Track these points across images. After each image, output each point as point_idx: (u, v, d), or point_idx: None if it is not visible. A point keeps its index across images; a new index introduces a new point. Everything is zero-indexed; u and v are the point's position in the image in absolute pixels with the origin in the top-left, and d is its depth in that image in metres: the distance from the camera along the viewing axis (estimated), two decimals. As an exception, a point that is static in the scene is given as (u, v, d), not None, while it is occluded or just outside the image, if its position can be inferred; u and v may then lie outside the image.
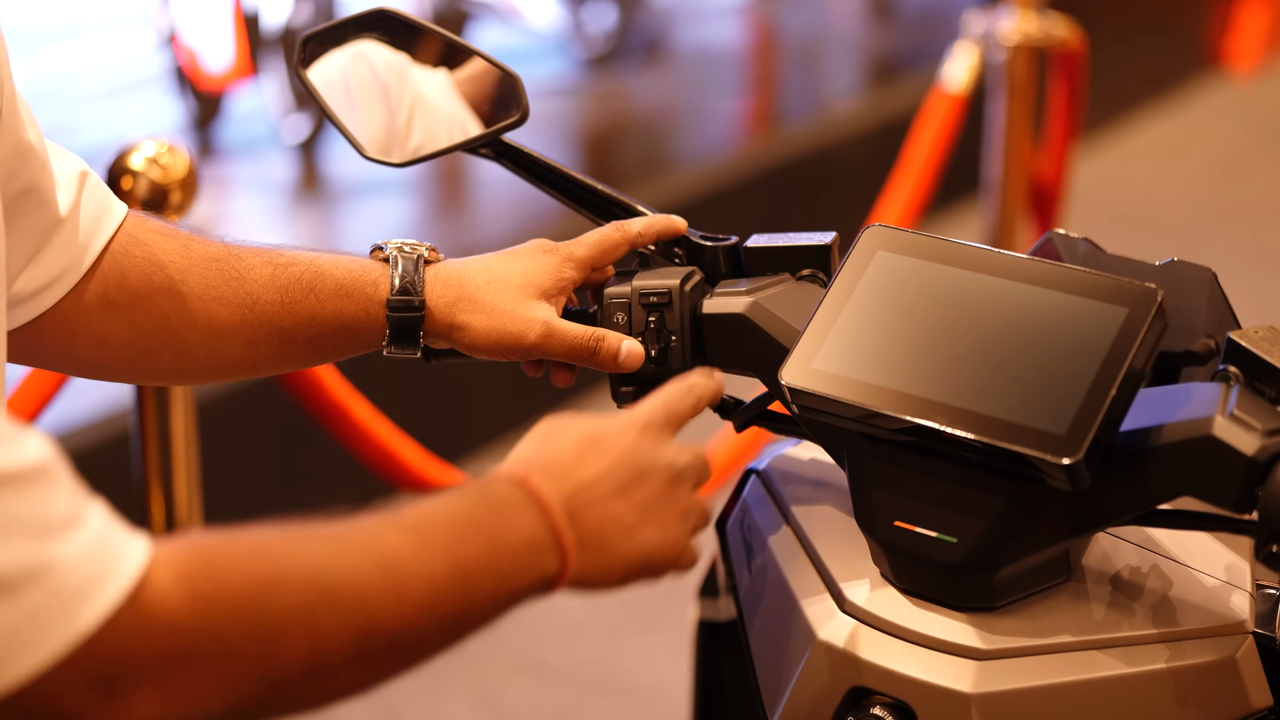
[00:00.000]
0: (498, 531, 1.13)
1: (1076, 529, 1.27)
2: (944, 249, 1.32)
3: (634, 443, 1.20)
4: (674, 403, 1.23)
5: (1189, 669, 1.26)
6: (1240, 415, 1.20)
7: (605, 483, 1.18)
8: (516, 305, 1.43)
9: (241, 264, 1.43)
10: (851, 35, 7.92)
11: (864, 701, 1.30)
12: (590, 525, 1.17)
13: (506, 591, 1.13)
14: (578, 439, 1.20)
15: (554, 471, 1.17)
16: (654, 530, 1.19)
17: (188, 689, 0.99)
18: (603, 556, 1.17)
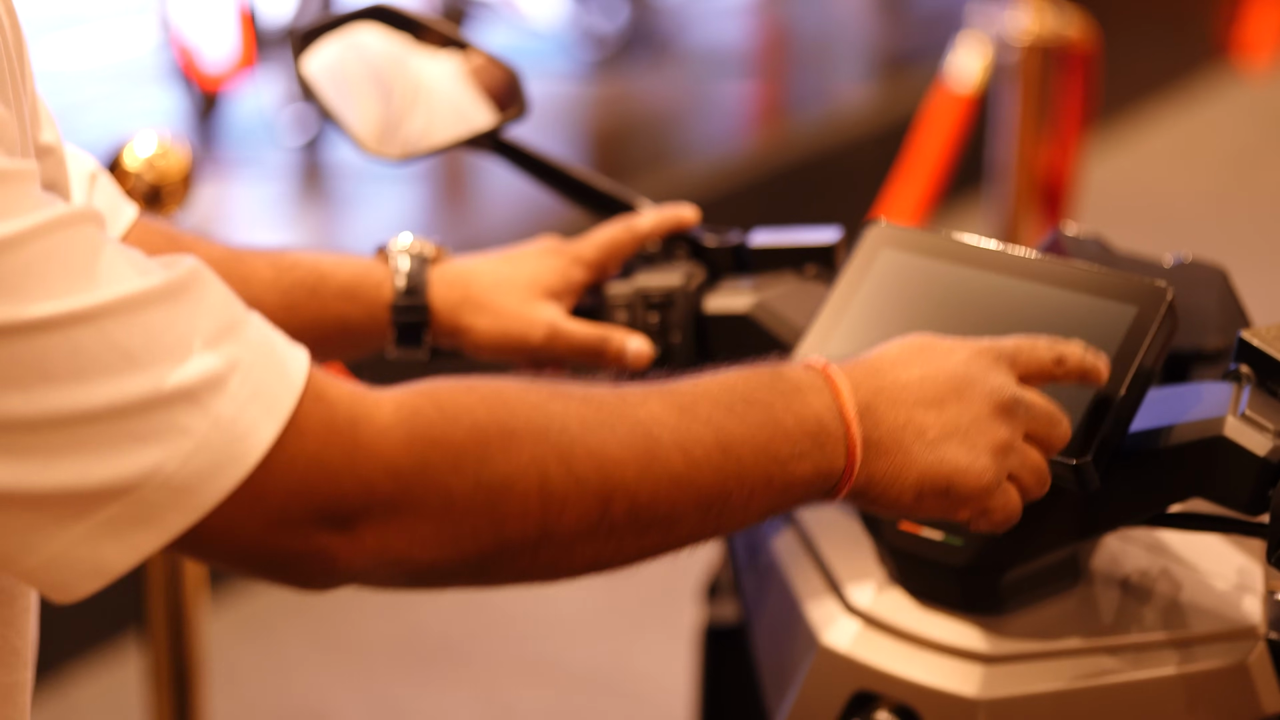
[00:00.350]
0: (776, 411, 1.05)
1: (1085, 531, 1.26)
2: (950, 246, 1.30)
3: (965, 360, 1.11)
4: (1030, 345, 1.14)
5: (1200, 674, 1.25)
6: (1252, 416, 1.18)
7: (918, 388, 1.10)
8: (522, 306, 1.43)
9: (244, 267, 1.43)
10: (859, 33, 7.93)
11: (868, 706, 1.30)
12: (888, 426, 1.08)
13: (780, 478, 1.05)
14: (905, 344, 1.12)
15: (864, 366, 1.10)
16: (961, 450, 1.09)
17: (409, 534, 0.94)
18: (896, 461, 1.09)
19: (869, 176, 5.44)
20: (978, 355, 1.12)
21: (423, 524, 0.94)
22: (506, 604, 3.92)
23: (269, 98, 5.81)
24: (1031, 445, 1.12)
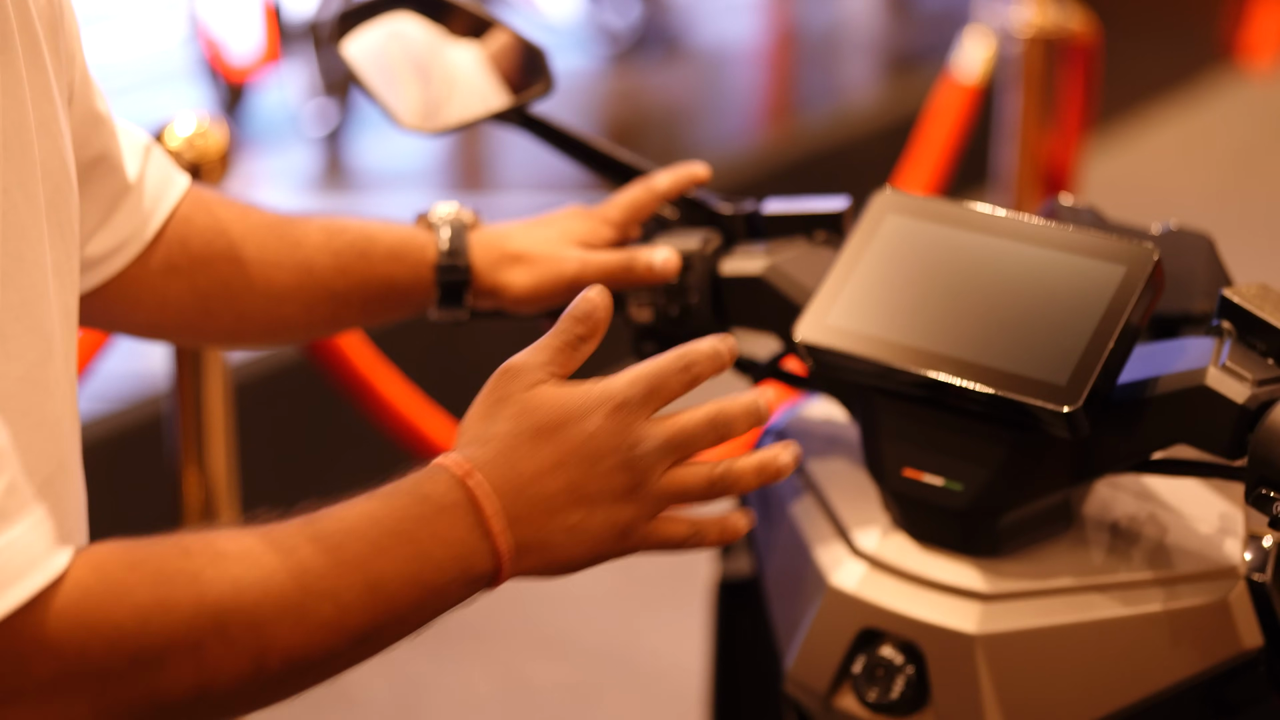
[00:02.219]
0: (423, 543, 1.08)
1: (1077, 476, 1.32)
2: (952, 212, 1.38)
3: (598, 428, 1.12)
4: (660, 375, 1.14)
5: (1184, 610, 1.31)
6: (1232, 367, 1.25)
7: (555, 478, 1.11)
8: (552, 252, 1.49)
9: (297, 230, 1.49)
10: (868, 29, 7.96)
11: (874, 642, 1.36)
12: (534, 528, 1.11)
13: (433, 602, 1.09)
14: (536, 423, 1.12)
15: (501, 464, 1.11)
16: (602, 524, 1.13)
17: (63, 712, 0.98)
18: (546, 556, 1.12)
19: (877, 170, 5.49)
20: (611, 415, 1.12)
21: (78, 702, 0.99)
22: (524, 583, 3.96)
23: (293, 90, 5.86)
24: (679, 466, 1.14)
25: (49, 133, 1.20)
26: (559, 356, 1.14)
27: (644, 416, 1.13)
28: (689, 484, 1.15)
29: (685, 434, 1.14)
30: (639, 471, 1.13)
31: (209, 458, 2.36)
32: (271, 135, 5.89)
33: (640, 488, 1.13)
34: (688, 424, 1.14)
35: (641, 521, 1.14)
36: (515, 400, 1.13)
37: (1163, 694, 1.32)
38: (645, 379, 1.14)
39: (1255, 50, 8.14)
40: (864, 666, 1.36)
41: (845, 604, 1.37)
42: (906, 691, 1.34)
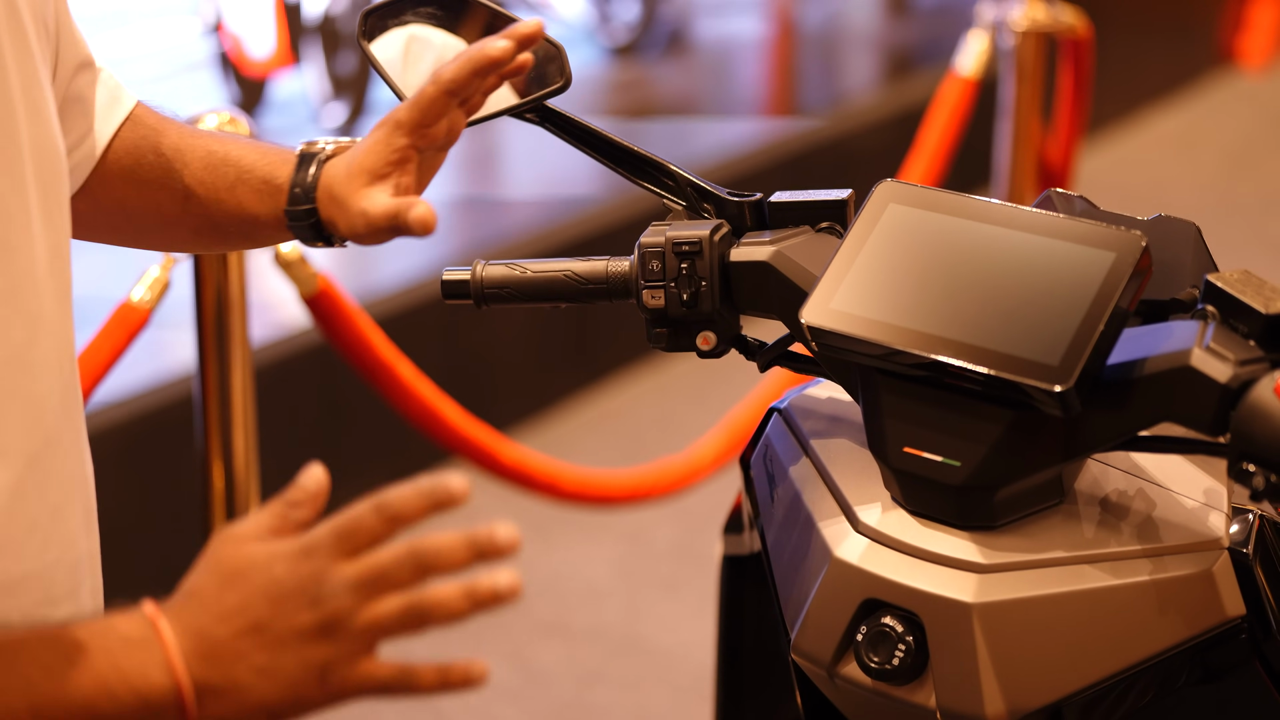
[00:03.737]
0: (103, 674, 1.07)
1: (1068, 453, 1.36)
2: (950, 201, 1.42)
3: (283, 570, 1.09)
4: (353, 520, 1.10)
5: (1170, 580, 1.35)
6: (1215, 348, 1.29)
7: (239, 620, 1.09)
8: (353, 198, 1.46)
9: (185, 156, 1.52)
10: (868, 26, 7.99)
11: (876, 612, 1.40)
12: (220, 669, 1.09)
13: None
14: (225, 572, 1.10)
15: (188, 609, 1.10)
16: (294, 665, 1.09)
17: None
18: (239, 699, 1.09)
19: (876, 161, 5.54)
20: (296, 560, 1.10)
21: None
22: (533, 568, 3.99)
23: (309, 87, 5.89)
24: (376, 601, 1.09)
25: (39, 117, 1.24)
26: (279, 523, 1.13)
27: (335, 558, 1.09)
28: (385, 614, 1.09)
29: (378, 569, 1.09)
30: (329, 611, 1.09)
31: (233, 441, 2.41)
32: (290, 130, 5.93)
33: (334, 627, 1.09)
34: (383, 560, 1.09)
35: (340, 661, 1.09)
36: (217, 555, 1.11)
37: (1150, 660, 1.36)
38: (335, 524, 1.11)
39: (1250, 50, 8.16)
40: (866, 635, 1.39)
41: (848, 575, 1.41)
42: (907, 659, 1.38)
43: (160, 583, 3.95)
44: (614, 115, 6.26)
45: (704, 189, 1.57)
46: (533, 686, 3.56)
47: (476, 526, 1.10)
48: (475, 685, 1.12)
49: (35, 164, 1.23)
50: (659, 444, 4.46)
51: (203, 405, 2.41)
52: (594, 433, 4.65)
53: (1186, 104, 7.74)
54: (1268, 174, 6.94)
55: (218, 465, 2.43)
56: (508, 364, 4.56)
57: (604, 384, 4.88)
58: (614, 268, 1.55)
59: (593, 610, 3.82)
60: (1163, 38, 7.66)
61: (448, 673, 1.11)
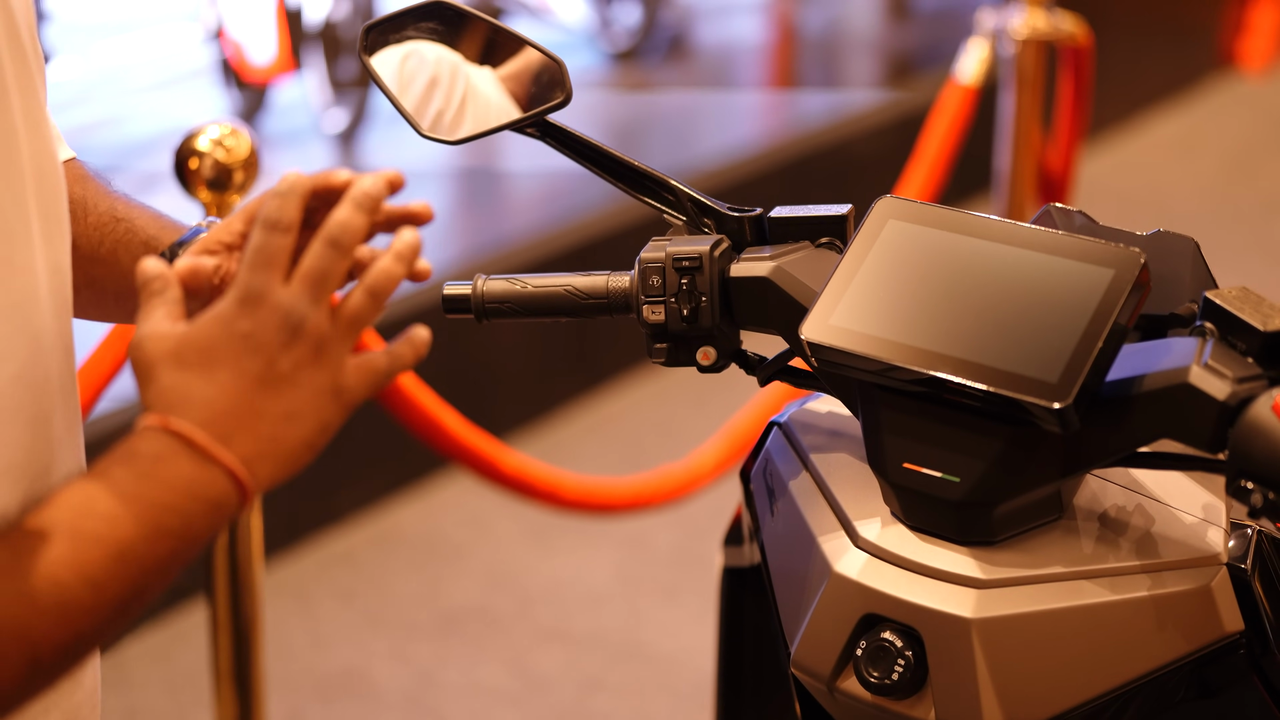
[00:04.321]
0: (155, 494, 1.10)
1: (1067, 469, 1.36)
2: (950, 218, 1.42)
3: (247, 325, 1.12)
4: (260, 248, 1.14)
5: (1168, 596, 1.36)
6: (1214, 365, 1.30)
7: (239, 384, 1.12)
8: None
9: (88, 206, 1.49)
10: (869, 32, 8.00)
11: (875, 627, 1.40)
12: (251, 436, 1.12)
13: (184, 545, 1.11)
14: (194, 360, 1.12)
15: (187, 404, 1.12)
16: (310, 395, 1.13)
17: None
18: (281, 452, 1.13)
19: (877, 171, 5.54)
20: (240, 310, 1.13)
21: None
22: (533, 575, 4.00)
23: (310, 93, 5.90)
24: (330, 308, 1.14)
25: (39, 133, 1.24)
26: (166, 309, 1.16)
27: (274, 286, 1.13)
28: (353, 307, 1.15)
29: (315, 271, 1.14)
30: (305, 330, 1.13)
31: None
32: (292, 136, 5.94)
33: (322, 343, 1.14)
34: (311, 263, 1.14)
35: (342, 373, 1.15)
36: (163, 354, 1.13)
37: (1148, 676, 1.36)
38: (250, 260, 1.13)
39: (1251, 53, 8.16)
40: (866, 650, 1.40)
41: (848, 590, 1.41)
42: (906, 674, 1.38)
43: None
44: (615, 121, 6.27)
45: (704, 204, 1.57)
46: (533, 693, 3.56)
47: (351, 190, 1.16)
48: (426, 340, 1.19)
49: (36, 182, 1.23)
50: (659, 450, 4.47)
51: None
52: (594, 438, 4.66)
53: (1187, 107, 7.74)
54: (1268, 177, 6.94)
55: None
56: (508, 369, 4.56)
57: (604, 389, 4.88)
58: (614, 283, 1.56)
59: (593, 616, 3.82)
60: (1163, 41, 7.67)
61: (411, 339, 1.18)
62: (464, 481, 4.22)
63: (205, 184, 2.25)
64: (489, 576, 3.98)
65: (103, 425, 3.46)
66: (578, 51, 6.98)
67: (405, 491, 4.30)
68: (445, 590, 3.92)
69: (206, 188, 2.24)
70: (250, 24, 5.74)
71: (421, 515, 4.23)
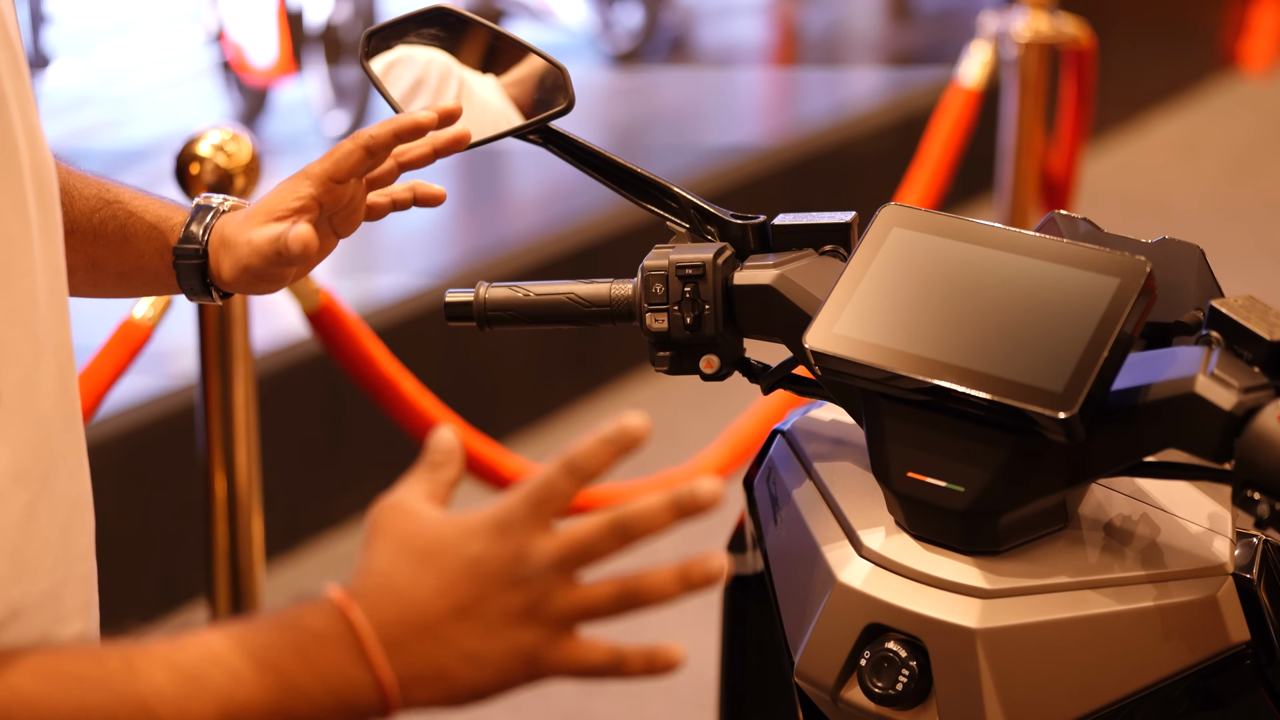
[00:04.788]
0: (294, 674, 1.03)
1: (1072, 479, 1.36)
2: (954, 226, 1.42)
3: (484, 548, 1.05)
4: (546, 486, 1.06)
5: (1174, 606, 1.35)
6: (1220, 374, 1.29)
7: (438, 603, 1.04)
8: (240, 232, 1.47)
9: (75, 191, 1.49)
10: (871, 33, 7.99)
11: (879, 637, 1.40)
12: (422, 657, 1.04)
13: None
14: (418, 551, 1.06)
15: (382, 594, 1.05)
16: (503, 649, 1.05)
17: None
18: (446, 686, 1.05)
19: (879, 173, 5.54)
20: (494, 539, 1.05)
21: None
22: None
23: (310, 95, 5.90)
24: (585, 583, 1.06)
25: (35, 138, 1.23)
26: (432, 488, 1.09)
27: (534, 531, 1.05)
28: (594, 599, 1.06)
29: (583, 544, 1.05)
30: (534, 589, 1.04)
31: (235, 449, 2.42)
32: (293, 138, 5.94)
33: (539, 607, 1.05)
34: (585, 532, 1.05)
35: (549, 644, 1.05)
36: (395, 530, 1.07)
37: (1154, 686, 1.36)
38: (529, 493, 1.06)
39: (1253, 55, 8.16)
40: (870, 660, 1.39)
41: (852, 600, 1.41)
42: (910, 684, 1.38)
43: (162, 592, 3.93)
44: (616, 122, 6.27)
45: (707, 211, 1.57)
46: (534, 697, 3.55)
47: (678, 487, 1.05)
48: (676, 668, 1.08)
49: (35, 185, 1.23)
50: (661, 452, 4.46)
51: (205, 416, 2.41)
52: (595, 441, 4.64)
53: (1188, 109, 7.74)
54: (1270, 179, 6.94)
55: (220, 476, 2.43)
56: (508, 372, 4.55)
57: (605, 392, 4.88)
58: (617, 290, 1.55)
59: (594, 621, 3.81)
60: (1165, 42, 7.67)
61: (653, 657, 1.08)
62: (464, 484, 4.20)
63: (206, 189, 2.24)
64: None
65: (105, 428, 3.46)
66: (579, 53, 6.98)
67: (406, 494, 4.29)
68: (446, 593, 3.91)
69: (208, 192, 2.24)
70: (251, 26, 5.74)
71: (422, 518, 4.22)
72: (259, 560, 2.47)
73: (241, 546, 2.45)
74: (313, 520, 4.07)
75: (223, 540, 2.42)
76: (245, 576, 2.45)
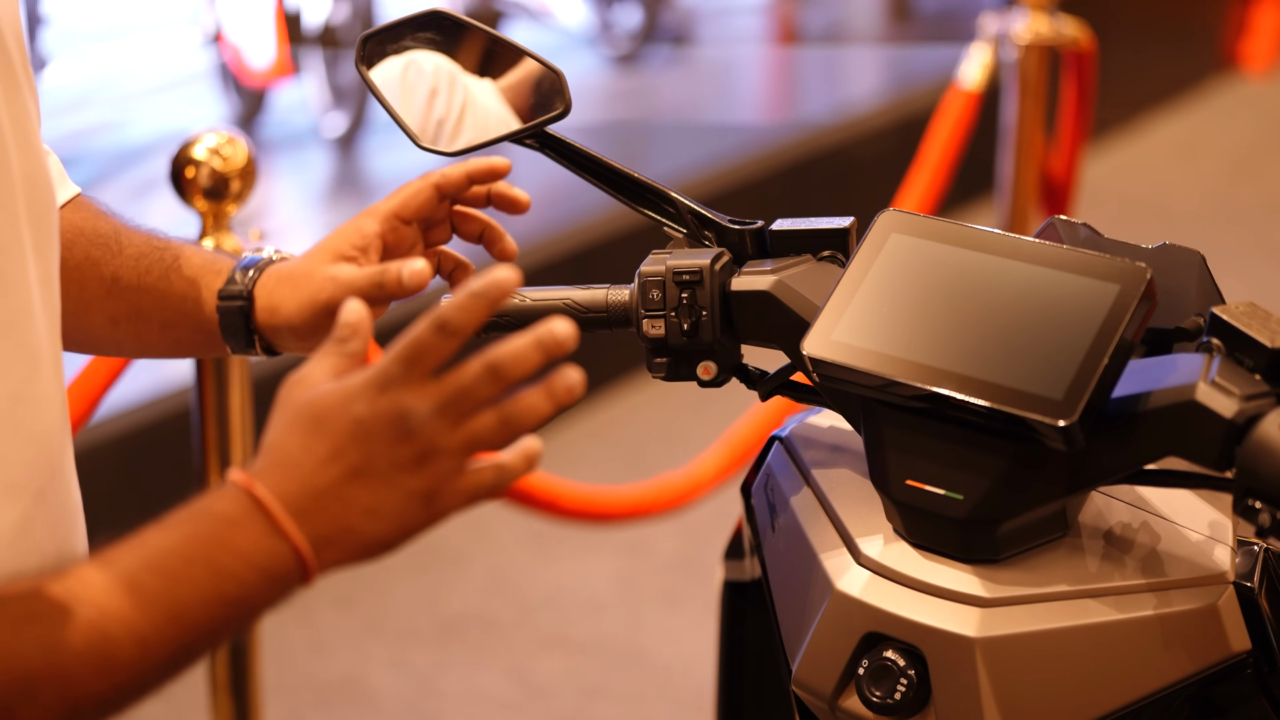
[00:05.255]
0: (219, 559, 1.09)
1: (1072, 487, 1.35)
2: (953, 231, 1.41)
3: (365, 409, 1.11)
4: (417, 346, 1.11)
5: (1175, 615, 1.34)
6: (1221, 382, 1.28)
7: (333, 467, 1.10)
8: (312, 272, 1.46)
9: (120, 242, 1.48)
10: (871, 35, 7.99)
11: (877, 646, 1.39)
12: (327, 519, 1.10)
13: (241, 612, 1.10)
14: (305, 421, 1.12)
15: (280, 467, 1.11)
16: (400, 498, 1.11)
17: None
18: (352, 542, 1.11)
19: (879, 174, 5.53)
20: (374, 395, 1.11)
21: None
22: (533, 581, 3.99)
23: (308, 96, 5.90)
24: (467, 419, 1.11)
25: (28, 147, 1.22)
26: (337, 361, 1.14)
27: (412, 385, 1.11)
28: (479, 430, 1.12)
29: (459, 389, 1.11)
30: (420, 439, 1.10)
31: (231, 453, 2.41)
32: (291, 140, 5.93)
33: (429, 453, 1.11)
34: (461, 379, 1.11)
35: (443, 484, 1.12)
36: (291, 404, 1.13)
37: (1154, 696, 1.35)
38: (402, 350, 1.11)
39: (1254, 56, 8.16)
40: (868, 669, 1.39)
41: (850, 608, 1.40)
42: (909, 693, 1.37)
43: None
44: (616, 123, 6.26)
45: (705, 216, 1.56)
46: (533, 700, 3.55)
47: (538, 328, 1.11)
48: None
49: (27, 196, 1.22)
50: (660, 454, 4.46)
51: (200, 418, 2.40)
52: (594, 443, 4.65)
53: (1189, 109, 7.74)
54: (1271, 179, 6.94)
55: (216, 479, 2.43)
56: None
57: (604, 393, 4.87)
58: (614, 296, 1.55)
59: (593, 623, 3.81)
60: (1165, 42, 7.66)
61: (523, 450, 1.14)
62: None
63: (202, 193, 2.23)
64: (489, 583, 3.97)
65: (100, 432, 3.45)
66: (578, 54, 6.98)
67: (404, 497, 4.28)
68: (445, 597, 3.91)
69: (203, 196, 2.23)
70: (249, 28, 5.74)
71: (420, 521, 4.22)
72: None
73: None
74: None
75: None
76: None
